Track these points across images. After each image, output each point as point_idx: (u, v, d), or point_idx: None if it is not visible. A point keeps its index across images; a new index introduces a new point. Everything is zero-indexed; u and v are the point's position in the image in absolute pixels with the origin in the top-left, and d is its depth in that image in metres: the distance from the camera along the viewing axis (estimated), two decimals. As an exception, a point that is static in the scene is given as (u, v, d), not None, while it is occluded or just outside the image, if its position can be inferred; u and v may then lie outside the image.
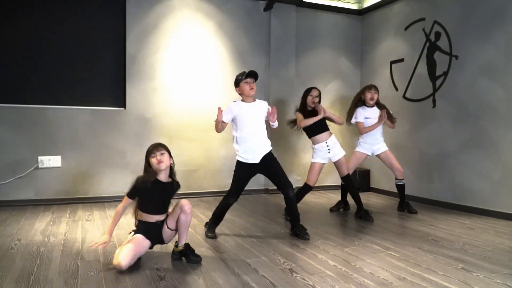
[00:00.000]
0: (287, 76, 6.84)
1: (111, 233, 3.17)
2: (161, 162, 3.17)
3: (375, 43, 7.18)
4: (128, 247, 3.03)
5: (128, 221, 4.54)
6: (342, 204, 5.49)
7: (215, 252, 3.56)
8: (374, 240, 3.95)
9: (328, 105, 7.30)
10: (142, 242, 3.16)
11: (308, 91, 4.99)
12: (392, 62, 6.77)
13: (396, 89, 6.66)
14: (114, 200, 5.83)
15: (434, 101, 5.97)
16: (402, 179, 5.37)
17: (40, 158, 5.52)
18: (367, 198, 6.46)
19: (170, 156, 3.28)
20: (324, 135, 4.92)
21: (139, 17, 5.98)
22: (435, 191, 5.91)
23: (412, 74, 6.36)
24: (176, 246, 3.29)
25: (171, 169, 3.32)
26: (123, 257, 2.95)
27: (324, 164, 4.96)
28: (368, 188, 7.18)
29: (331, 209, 5.42)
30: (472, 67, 5.40)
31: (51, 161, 5.57)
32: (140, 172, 6.02)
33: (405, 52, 6.51)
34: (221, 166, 6.39)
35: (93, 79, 5.82)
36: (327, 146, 4.89)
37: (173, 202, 3.37)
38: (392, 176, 6.64)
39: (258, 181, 6.71)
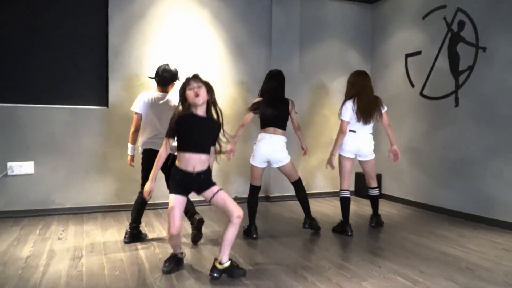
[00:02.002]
0: (290, 70, 6.13)
1: (154, 179, 3.06)
2: (198, 95, 2.92)
3: (387, 34, 6.48)
4: (175, 215, 2.95)
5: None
6: (376, 218, 4.71)
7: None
8: (397, 269, 3.28)
9: (335, 102, 6.62)
10: (178, 204, 2.98)
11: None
12: (407, 55, 6.08)
13: (412, 85, 5.98)
14: (95, 211, 5.17)
15: (456, 99, 5.28)
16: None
17: (9, 164, 4.85)
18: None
19: (210, 91, 3.04)
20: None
21: (123, 3, 5.29)
22: (456, 200, 5.24)
23: (431, 69, 5.67)
24: (220, 262, 3.02)
25: (209, 105, 3.07)
26: (170, 227, 2.96)
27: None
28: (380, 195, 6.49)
29: (372, 224, 4.70)
30: (502, 60, 4.72)
31: (23, 167, 4.90)
32: (125, 179, 5.41)
33: (423, 44, 5.82)
34: (217, 172, 5.71)
35: (71, 74, 5.14)
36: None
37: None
38: (406, 181, 5.99)
39: (258, 187, 6.04)
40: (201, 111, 3.01)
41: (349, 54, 6.71)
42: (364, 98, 4.25)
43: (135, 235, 4.01)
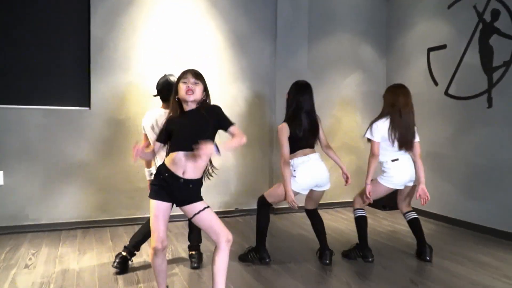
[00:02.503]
0: (297, 66, 5.47)
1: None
2: (190, 91, 2.46)
3: (406, 27, 5.80)
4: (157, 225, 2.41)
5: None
6: (427, 248, 3.75)
7: None
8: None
9: (347, 102, 5.96)
10: (161, 212, 2.42)
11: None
12: (430, 50, 5.40)
13: (436, 83, 5.30)
14: (75, 227, 4.51)
15: (489, 100, 4.61)
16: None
17: (-26, 174, 4.19)
18: (394, 219, 5.15)
19: (206, 91, 2.58)
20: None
21: (109, -11, 4.62)
22: (487, 215, 4.58)
23: (458, 65, 5.00)
24: None
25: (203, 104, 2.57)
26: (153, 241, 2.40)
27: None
28: (396, 206, 5.81)
29: (427, 258, 3.72)
30: (547, 55, 4.05)
31: (-10, 178, 4.25)
32: (111, 190, 4.74)
33: (448, 37, 5.14)
34: (214, 180, 5.03)
35: (48, 70, 4.47)
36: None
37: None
38: (429, 191, 5.29)
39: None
40: (191, 108, 2.53)
41: (363, 48, 6.03)
42: (405, 120, 3.56)
43: (126, 263, 3.36)
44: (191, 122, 2.47)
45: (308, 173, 3.45)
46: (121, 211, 4.72)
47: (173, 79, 3.35)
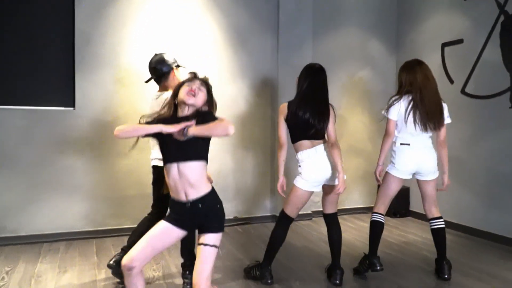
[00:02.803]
0: (301, 63, 4.86)
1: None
2: (192, 93, 2.18)
3: (418, 20, 5.40)
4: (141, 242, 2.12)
5: None
6: (446, 265, 3.33)
7: None
8: None
9: (354, 102, 5.56)
10: (159, 229, 2.17)
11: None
12: (444, 45, 4.99)
13: (451, 81, 4.90)
14: (58, 239, 4.11)
15: (512, 99, 4.21)
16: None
17: None
18: (406, 228, 4.75)
19: (209, 103, 2.27)
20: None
21: (95, -22, 4.22)
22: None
23: (477, 61, 4.59)
24: None
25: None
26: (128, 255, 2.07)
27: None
28: (407, 213, 5.43)
29: (445, 276, 3.29)
30: None
31: (-37, 185, 3.85)
32: (97, 198, 4.33)
33: (465, 31, 4.74)
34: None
35: (28, 67, 4.07)
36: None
37: None
38: (443, 197, 4.91)
39: (263, 205, 5.00)
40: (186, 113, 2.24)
41: (372, 43, 5.62)
42: (428, 96, 3.18)
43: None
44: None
45: (314, 168, 3.04)
46: (109, 221, 4.31)
47: (167, 57, 3.15)
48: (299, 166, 3.08)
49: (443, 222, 3.37)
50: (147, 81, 3.28)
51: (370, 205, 5.42)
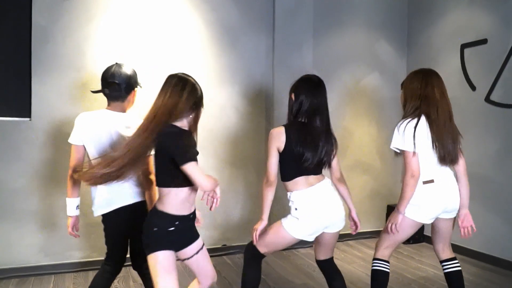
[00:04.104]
0: (300, 66, 4.39)
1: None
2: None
3: (432, 18, 4.76)
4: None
5: None
6: None
7: None
8: None
9: (361, 111, 4.90)
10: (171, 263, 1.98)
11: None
12: (464, 46, 4.36)
13: (473, 87, 4.26)
14: (8, 276, 3.41)
15: (549, 108, 3.56)
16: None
17: None
18: (422, 259, 4.08)
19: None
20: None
21: (56, -36, 3.55)
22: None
23: (504, 64, 3.96)
24: None
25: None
26: None
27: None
28: (422, 238, 4.76)
29: None
30: None
31: None
32: (55, 227, 3.65)
33: (489, 29, 4.11)
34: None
35: (-27, 68, 3.40)
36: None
37: None
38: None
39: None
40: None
41: (380, 45, 4.98)
42: (443, 121, 2.48)
43: None
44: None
45: (315, 213, 2.35)
46: (72, 254, 3.62)
47: (123, 69, 2.48)
48: (295, 209, 2.38)
49: (458, 263, 2.68)
50: (95, 92, 2.59)
51: (378, 229, 4.76)
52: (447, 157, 2.46)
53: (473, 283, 3.49)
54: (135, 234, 2.34)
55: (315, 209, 2.34)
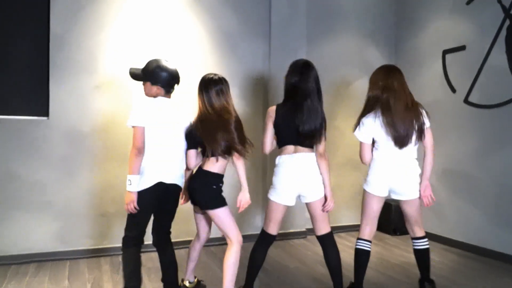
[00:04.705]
0: None
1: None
2: None
3: (417, 26, 5.13)
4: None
5: None
6: (428, 284, 3.10)
7: None
8: None
9: (352, 112, 5.24)
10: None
11: None
12: (445, 52, 4.72)
13: (453, 90, 4.61)
14: (26, 261, 3.73)
15: (520, 108, 3.92)
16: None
17: None
18: (407, 248, 4.40)
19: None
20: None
21: (72, -22, 3.91)
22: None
23: (481, 68, 4.31)
24: None
25: None
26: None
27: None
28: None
29: None
30: None
31: None
32: (71, 216, 3.99)
33: (468, 37, 4.46)
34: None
35: (-3, 72, 3.75)
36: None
37: None
38: (448, 215, 4.59)
39: (253, 223, 4.64)
40: None
41: (369, 51, 5.34)
42: (399, 107, 2.85)
43: None
44: None
45: (284, 176, 2.76)
46: (84, 241, 3.95)
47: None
48: (274, 175, 2.83)
49: (426, 243, 3.06)
50: (139, 79, 2.84)
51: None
52: (398, 140, 2.82)
53: (455, 269, 3.81)
54: (162, 211, 2.73)
55: (288, 171, 2.75)
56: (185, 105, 2.95)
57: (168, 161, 2.67)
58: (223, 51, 4.54)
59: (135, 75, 2.79)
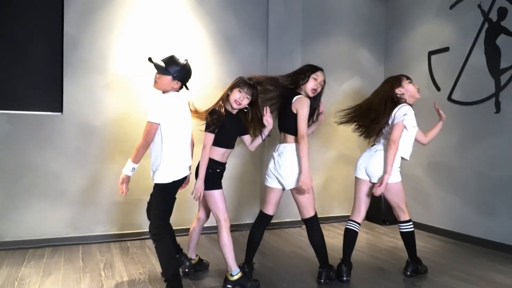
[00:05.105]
0: (291, 69, 4.99)
1: (203, 179, 2.93)
2: (240, 103, 3.01)
3: (405, 29, 5.48)
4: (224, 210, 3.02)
5: None
6: (412, 264, 3.41)
7: None
8: None
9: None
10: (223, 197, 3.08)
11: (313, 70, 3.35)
12: (431, 53, 5.06)
13: (438, 88, 4.95)
14: (43, 245, 4.04)
15: (497, 104, 4.26)
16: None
17: None
18: (395, 235, 4.72)
19: (256, 104, 3.11)
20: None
21: (84, -16, 4.23)
22: (501, 231, 4.19)
23: (462, 68, 4.65)
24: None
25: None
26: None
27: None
28: (397, 221, 5.41)
29: (407, 273, 3.38)
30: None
31: None
32: (84, 204, 4.27)
33: (451, 39, 4.81)
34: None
35: (14, 70, 4.05)
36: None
37: None
38: (433, 204, 4.93)
39: (252, 212, 4.95)
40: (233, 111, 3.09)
41: (361, 52, 5.69)
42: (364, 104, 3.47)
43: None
44: (235, 125, 3.09)
45: (270, 163, 3.23)
46: (95, 228, 4.26)
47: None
48: None
49: (410, 226, 3.37)
50: (159, 67, 2.90)
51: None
52: (363, 134, 3.42)
53: (439, 253, 4.13)
54: None
55: (270, 161, 3.21)
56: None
57: (188, 156, 2.95)
58: (223, 52, 4.87)
59: (159, 66, 2.82)
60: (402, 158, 3.30)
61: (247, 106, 3.05)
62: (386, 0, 5.79)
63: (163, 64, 2.81)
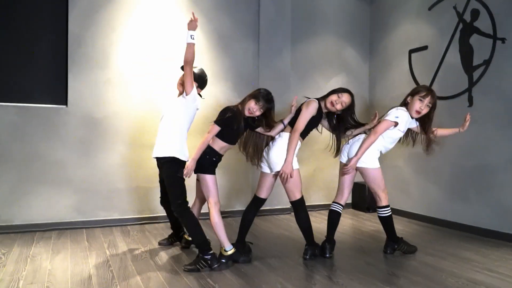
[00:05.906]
0: (281, 67, 5.45)
1: (196, 160, 3.26)
2: (251, 113, 3.37)
3: (388, 29, 5.83)
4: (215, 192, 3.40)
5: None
6: (391, 244, 3.77)
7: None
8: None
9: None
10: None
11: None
12: (411, 51, 5.42)
13: (417, 84, 5.30)
14: (49, 228, 4.34)
15: (470, 98, 4.62)
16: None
17: None
18: (377, 221, 5.05)
19: (269, 115, 3.48)
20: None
21: (87, -14, 4.54)
22: (473, 215, 4.55)
23: (439, 65, 5.01)
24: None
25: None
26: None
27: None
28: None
29: (387, 251, 3.75)
30: (527, 52, 4.07)
31: (-40, 176, 4.08)
32: (87, 191, 4.59)
33: (430, 38, 5.17)
34: (194, 181, 4.93)
35: (22, 65, 4.35)
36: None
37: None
38: (412, 192, 5.29)
39: (244, 199, 5.28)
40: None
41: (346, 51, 6.03)
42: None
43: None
44: (242, 126, 3.35)
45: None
46: (98, 213, 4.57)
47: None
48: None
49: (386, 211, 3.69)
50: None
51: (348, 201, 5.75)
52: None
53: (416, 236, 4.46)
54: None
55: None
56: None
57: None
58: (217, 50, 5.19)
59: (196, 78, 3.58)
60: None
61: (258, 116, 3.40)
62: (371, 2, 6.15)
63: (195, 76, 3.67)
